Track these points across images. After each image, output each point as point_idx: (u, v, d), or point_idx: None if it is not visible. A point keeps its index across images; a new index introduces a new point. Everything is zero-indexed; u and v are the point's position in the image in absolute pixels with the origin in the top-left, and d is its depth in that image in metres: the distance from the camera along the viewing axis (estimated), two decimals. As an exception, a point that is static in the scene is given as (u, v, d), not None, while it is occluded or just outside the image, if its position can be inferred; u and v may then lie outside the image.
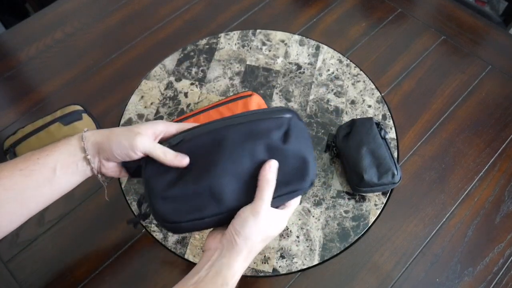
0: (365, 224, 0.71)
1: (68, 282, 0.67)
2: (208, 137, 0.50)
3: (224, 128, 0.50)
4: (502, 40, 0.94)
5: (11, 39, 0.96)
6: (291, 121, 0.52)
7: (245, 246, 0.47)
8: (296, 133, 0.51)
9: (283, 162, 0.50)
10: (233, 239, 0.47)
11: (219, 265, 0.46)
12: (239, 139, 0.50)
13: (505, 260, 0.69)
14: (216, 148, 0.49)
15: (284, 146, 0.50)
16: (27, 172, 0.48)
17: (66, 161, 0.49)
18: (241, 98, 0.75)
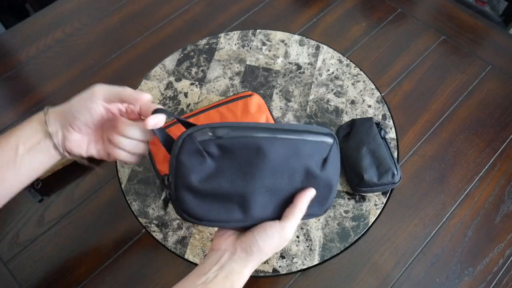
0: (365, 224, 0.71)
1: (68, 282, 0.67)
2: (256, 141, 0.46)
3: (272, 138, 0.47)
4: (502, 40, 0.94)
5: (11, 39, 0.96)
6: (332, 148, 0.50)
7: (258, 257, 0.47)
8: (332, 161, 0.50)
9: (314, 187, 0.50)
10: (249, 249, 0.47)
11: (229, 269, 0.46)
12: (284, 156, 0.47)
13: (505, 260, 0.69)
14: (260, 156, 0.46)
15: (320, 173, 0.49)
16: None
17: (29, 140, 0.47)
18: (241, 98, 0.75)
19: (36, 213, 0.73)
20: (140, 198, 0.73)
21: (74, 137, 0.48)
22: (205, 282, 0.45)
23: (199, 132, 0.45)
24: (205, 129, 0.45)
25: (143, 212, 0.72)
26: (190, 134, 0.45)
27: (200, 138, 0.45)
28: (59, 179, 0.76)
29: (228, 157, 0.46)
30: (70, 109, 0.47)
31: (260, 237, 0.47)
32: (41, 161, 0.48)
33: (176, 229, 0.70)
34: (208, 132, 0.45)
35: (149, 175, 0.75)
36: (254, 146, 0.46)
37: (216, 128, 0.46)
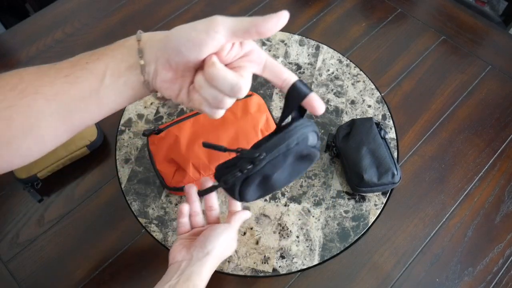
0: (365, 224, 0.71)
1: (68, 282, 0.67)
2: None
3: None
4: (502, 40, 0.94)
5: (11, 39, 0.96)
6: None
7: (214, 256, 0.52)
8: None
9: None
10: (204, 249, 0.52)
11: (188, 273, 0.50)
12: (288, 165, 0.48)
13: (505, 260, 0.69)
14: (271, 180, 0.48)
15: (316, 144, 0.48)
16: (73, 78, 0.39)
17: (118, 67, 0.39)
18: (241, 98, 0.74)
19: (36, 213, 0.73)
20: (140, 198, 0.73)
21: (169, 75, 0.39)
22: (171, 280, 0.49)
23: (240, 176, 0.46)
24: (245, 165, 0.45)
25: (143, 212, 0.72)
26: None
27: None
28: (59, 179, 0.76)
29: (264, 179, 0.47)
30: (174, 40, 0.37)
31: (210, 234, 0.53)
32: (126, 95, 0.41)
33: (176, 229, 0.70)
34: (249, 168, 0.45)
35: (149, 175, 0.75)
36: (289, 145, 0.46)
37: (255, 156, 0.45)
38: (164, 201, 0.73)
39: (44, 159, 0.73)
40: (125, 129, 0.81)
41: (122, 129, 0.81)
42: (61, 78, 0.39)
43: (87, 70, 0.39)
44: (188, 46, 0.36)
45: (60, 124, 0.39)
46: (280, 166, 0.48)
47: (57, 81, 0.39)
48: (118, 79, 0.39)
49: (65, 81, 0.39)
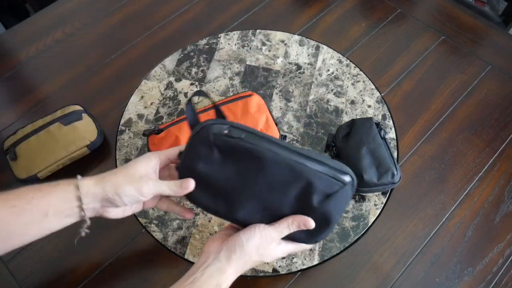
0: (365, 224, 0.71)
1: (68, 282, 0.67)
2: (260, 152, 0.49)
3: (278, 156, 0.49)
4: (502, 40, 0.94)
5: (11, 39, 0.96)
6: (342, 188, 0.50)
7: (242, 258, 0.50)
8: (338, 198, 0.50)
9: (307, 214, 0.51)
10: (233, 247, 0.50)
11: (214, 268, 0.48)
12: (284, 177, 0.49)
13: (505, 260, 0.69)
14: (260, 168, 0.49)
15: (317, 206, 0.50)
16: (18, 210, 0.47)
17: (61, 207, 0.48)
18: (241, 98, 0.75)
19: (36, 213, 0.73)
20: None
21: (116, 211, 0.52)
22: (192, 281, 0.47)
23: (218, 126, 0.49)
24: (224, 125, 0.49)
25: (143, 212, 0.72)
26: (211, 124, 0.49)
27: (216, 131, 0.49)
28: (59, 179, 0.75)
29: (233, 158, 0.50)
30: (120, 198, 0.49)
31: (244, 235, 0.50)
32: (68, 222, 0.50)
33: (176, 229, 0.70)
34: (224, 130, 0.49)
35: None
36: (258, 156, 0.49)
37: (234, 128, 0.49)
38: (164, 201, 0.73)
39: (44, 159, 0.73)
40: (125, 129, 0.81)
41: (122, 129, 0.81)
42: (7, 208, 0.46)
43: (32, 205, 0.47)
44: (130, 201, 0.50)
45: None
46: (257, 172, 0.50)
47: (3, 210, 0.46)
48: (61, 213, 0.48)
49: (11, 211, 0.46)
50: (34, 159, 0.73)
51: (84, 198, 0.48)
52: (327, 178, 0.49)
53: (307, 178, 0.49)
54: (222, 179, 0.50)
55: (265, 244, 0.51)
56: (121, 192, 0.48)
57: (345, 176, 0.50)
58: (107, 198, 0.48)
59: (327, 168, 0.50)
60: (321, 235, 0.52)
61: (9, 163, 0.74)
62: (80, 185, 0.48)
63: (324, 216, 0.50)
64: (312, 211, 0.50)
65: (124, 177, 0.49)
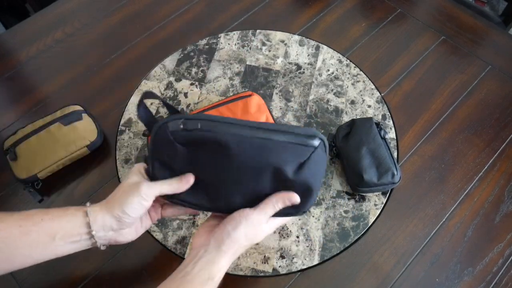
0: (365, 224, 0.71)
1: (68, 282, 0.67)
2: (224, 137, 0.48)
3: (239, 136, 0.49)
4: (502, 40, 0.94)
5: (11, 39, 0.96)
6: (315, 151, 0.49)
7: (232, 247, 0.50)
8: (312, 164, 0.50)
9: (287, 188, 0.51)
10: (220, 237, 0.50)
11: (205, 261, 0.48)
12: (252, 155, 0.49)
13: (505, 260, 0.69)
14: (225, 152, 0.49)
15: (293, 177, 0.50)
16: (26, 230, 0.47)
17: (69, 232, 0.49)
18: (241, 99, 0.75)
19: (36, 213, 0.73)
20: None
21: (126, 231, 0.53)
22: (184, 275, 0.47)
23: (173, 123, 0.49)
24: (179, 120, 0.49)
25: (143, 212, 0.72)
26: (165, 123, 0.49)
27: (172, 128, 0.49)
28: (59, 179, 0.76)
29: (198, 149, 0.49)
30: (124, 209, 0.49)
31: (229, 223, 0.50)
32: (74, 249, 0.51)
33: (176, 229, 0.70)
34: (180, 125, 0.48)
35: (149, 175, 0.75)
36: (220, 142, 0.48)
37: (189, 120, 0.49)
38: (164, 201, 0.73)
39: (44, 159, 0.73)
40: (125, 129, 0.81)
41: (122, 129, 0.81)
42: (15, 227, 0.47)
43: (39, 226, 0.47)
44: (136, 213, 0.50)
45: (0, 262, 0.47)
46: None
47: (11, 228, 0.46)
48: (68, 238, 0.49)
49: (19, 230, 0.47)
50: (34, 159, 0.73)
51: (93, 224, 0.49)
52: (295, 146, 0.49)
53: (275, 151, 0.49)
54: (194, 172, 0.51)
55: (253, 229, 0.50)
56: (125, 206, 0.49)
57: (314, 140, 0.49)
58: (116, 219, 0.49)
59: (292, 136, 0.49)
60: (307, 205, 0.52)
61: (9, 163, 0.74)
62: (89, 211, 0.49)
63: (304, 185, 0.50)
64: (291, 183, 0.50)
65: (123, 192, 0.50)
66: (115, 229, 0.50)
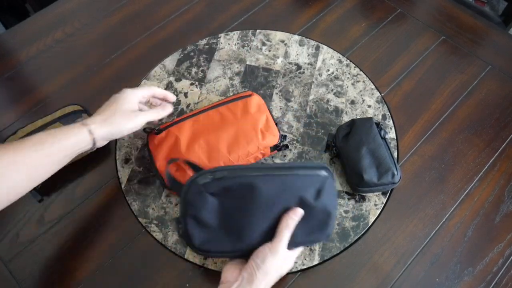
0: (365, 224, 0.71)
1: (68, 282, 0.67)
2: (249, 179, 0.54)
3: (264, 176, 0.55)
4: (502, 40, 0.94)
5: (11, 39, 0.96)
6: (327, 180, 0.57)
7: (264, 279, 0.53)
8: (328, 191, 0.57)
9: (311, 215, 0.56)
10: (253, 272, 0.53)
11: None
12: (277, 190, 0.55)
13: (505, 260, 0.69)
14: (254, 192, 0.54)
15: (315, 203, 0.56)
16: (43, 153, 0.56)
17: (76, 148, 0.59)
18: (241, 99, 0.75)
19: (36, 213, 0.73)
20: (140, 198, 0.73)
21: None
22: None
23: (201, 177, 0.54)
24: (206, 174, 0.54)
25: (143, 212, 0.72)
26: (194, 180, 0.54)
27: (202, 181, 0.54)
28: (59, 179, 0.75)
29: (227, 195, 0.54)
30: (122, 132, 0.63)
31: (257, 257, 0.54)
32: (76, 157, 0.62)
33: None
34: (208, 176, 0.54)
35: (149, 175, 0.75)
36: (248, 183, 0.54)
37: (215, 172, 0.54)
38: (164, 201, 0.73)
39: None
40: (125, 129, 0.81)
41: (122, 129, 0.81)
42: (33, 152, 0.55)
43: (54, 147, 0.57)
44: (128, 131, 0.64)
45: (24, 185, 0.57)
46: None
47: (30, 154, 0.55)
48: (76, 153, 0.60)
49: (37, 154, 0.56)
50: (34, 159, 0.73)
51: (96, 140, 0.60)
52: (310, 177, 0.56)
53: (295, 183, 0.55)
54: (227, 217, 0.55)
55: (279, 259, 0.54)
56: (124, 130, 0.62)
57: (322, 171, 0.57)
58: (110, 135, 0.62)
59: (305, 169, 0.56)
60: (329, 228, 0.58)
61: (9, 163, 0.74)
62: (92, 130, 0.60)
63: (324, 210, 0.57)
64: (313, 209, 0.56)
65: (122, 117, 0.62)
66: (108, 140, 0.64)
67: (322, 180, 0.56)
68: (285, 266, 0.57)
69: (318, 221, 0.57)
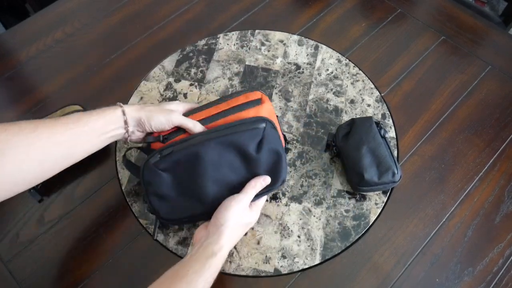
0: (366, 223, 0.71)
1: (68, 282, 0.67)
2: (193, 149, 0.61)
3: (206, 141, 0.61)
4: (502, 40, 0.94)
5: (11, 39, 0.96)
6: (265, 131, 0.62)
7: (228, 226, 0.58)
8: (268, 140, 0.63)
9: (257, 167, 0.63)
10: (217, 223, 0.58)
11: (207, 243, 0.56)
12: (219, 152, 0.61)
13: (505, 260, 0.69)
14: (199, 159, 0.61)
15: (257, 155, 0.62)
16: (78, 131, 0.57)
17: (109, 127, 0.60)
18: (252, 106, 0.66)
19: (36, 213, 0.73)
20: (140, 199, 0.73)
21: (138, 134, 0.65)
22: (190, 256, 0.55)
23: (152, 158, 0.61)
24: (155, 153, 0.61)
25: (143, 213, 0.72)
26: (146, 161, 0.61)
27: (153, 161, 0.61)
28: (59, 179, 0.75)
29: (179, 167, 0.61)
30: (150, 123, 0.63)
31: (222, 207, 0.60)
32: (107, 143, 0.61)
33: (177, 230, 0.70)
34: (157, 155, 0.61)
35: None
36: (193, 153, 0.61)
37: (162, 150, 0.61)
38: (164, 201, 0.73)
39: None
40: (125, 129, 0.81)
41: (122, 129, 0.81)
42: (68, 130, 0.56)
43: (88, 127, 0.58)
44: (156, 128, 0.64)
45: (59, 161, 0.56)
46: None
47: (66, 131, 0.55)
48: (107, 134, 0.60)
49: (72, 133, 0.56)
50: (34, 159, 0.73)
51: (129, 122, 0.61)
52: (248, 132, 0.61)
53: (235, 141, 0.61)
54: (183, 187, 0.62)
55: (242, 209, 0.60)
56: (153, 118, 0.62)
57: (261, 123, 0.62)
58: (141, 122, 0.62)
59: (243, 125, 0.62)
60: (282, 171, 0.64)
61: (9, 163, 0.74)
62: (126, 111, 0.61)
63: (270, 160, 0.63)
64: (258, 161, 0.62)
65: (157, 108, 0.64)
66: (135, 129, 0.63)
67: (261, 132, 0.62)
68: (250, 215, 0.62)
69: (268, 166, 0.63)
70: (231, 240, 0.59)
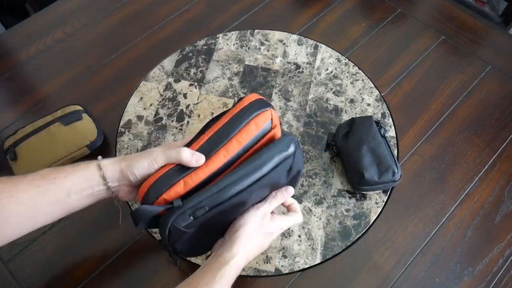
0: (366, 222, 0.71)
1: (68, 282, 0.67)
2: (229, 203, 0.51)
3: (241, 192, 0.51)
4: (502, 40, 0.94)
5: (11, 39, 0.96)
6: (295, 155, 0.54)
7: (243, 232, 0.54)
8: (295, 163, 0.56)
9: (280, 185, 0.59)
10: (233, 229, 0.55)
11: (221, 251, 0.54)
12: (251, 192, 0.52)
13: (505, 260, 0.69)
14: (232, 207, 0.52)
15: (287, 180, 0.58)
16: (43, 189, 0.49)
17: (82, 186, 0.51)
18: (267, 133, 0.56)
19: (36, 213, 0.73)
20: (140, 198, 0.73)
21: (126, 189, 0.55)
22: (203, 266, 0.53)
23: (181, 219, 0.49)
24: (186, 213, 0.49)
25: (143, 212, 0.72)
26: (173, 223, 0.49)
27: (183, 224, 0.50)
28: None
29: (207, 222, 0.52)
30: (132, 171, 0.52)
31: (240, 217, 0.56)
32: (87, 203, 0.53)
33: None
34: (189, 217, 0.49)
35: (149, 175, 0.75)
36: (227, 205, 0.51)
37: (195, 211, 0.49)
38: (164, 201, 0.73)
39: (44, 159, 0.73)
40: (125, 131, 0.81)
41: (122, 131, 0.81)
42: (33, 188, 0.49)
43: (55, 184, 0.50)
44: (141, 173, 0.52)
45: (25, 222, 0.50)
46: None
47: (30, 190, 0.49)
48: (82, 193, 0.51)
49: (36, 191, 0.49)
50: (34, 159, 0.73)
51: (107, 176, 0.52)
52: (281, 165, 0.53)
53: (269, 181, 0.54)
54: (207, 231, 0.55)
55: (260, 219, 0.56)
56: (133, 165, 0.52)
57: (290, 148, 0.53)
58: (123, 174, 0.52)
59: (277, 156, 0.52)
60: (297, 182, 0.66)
61: (9, 163, 0.74)
62: (102, 165, 0.52)
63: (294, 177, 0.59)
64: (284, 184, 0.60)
65: (138, 155, 0.53)
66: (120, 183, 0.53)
67: (291, 158, 0.54)
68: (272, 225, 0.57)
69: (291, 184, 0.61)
70: (246, 248, 0.54)
